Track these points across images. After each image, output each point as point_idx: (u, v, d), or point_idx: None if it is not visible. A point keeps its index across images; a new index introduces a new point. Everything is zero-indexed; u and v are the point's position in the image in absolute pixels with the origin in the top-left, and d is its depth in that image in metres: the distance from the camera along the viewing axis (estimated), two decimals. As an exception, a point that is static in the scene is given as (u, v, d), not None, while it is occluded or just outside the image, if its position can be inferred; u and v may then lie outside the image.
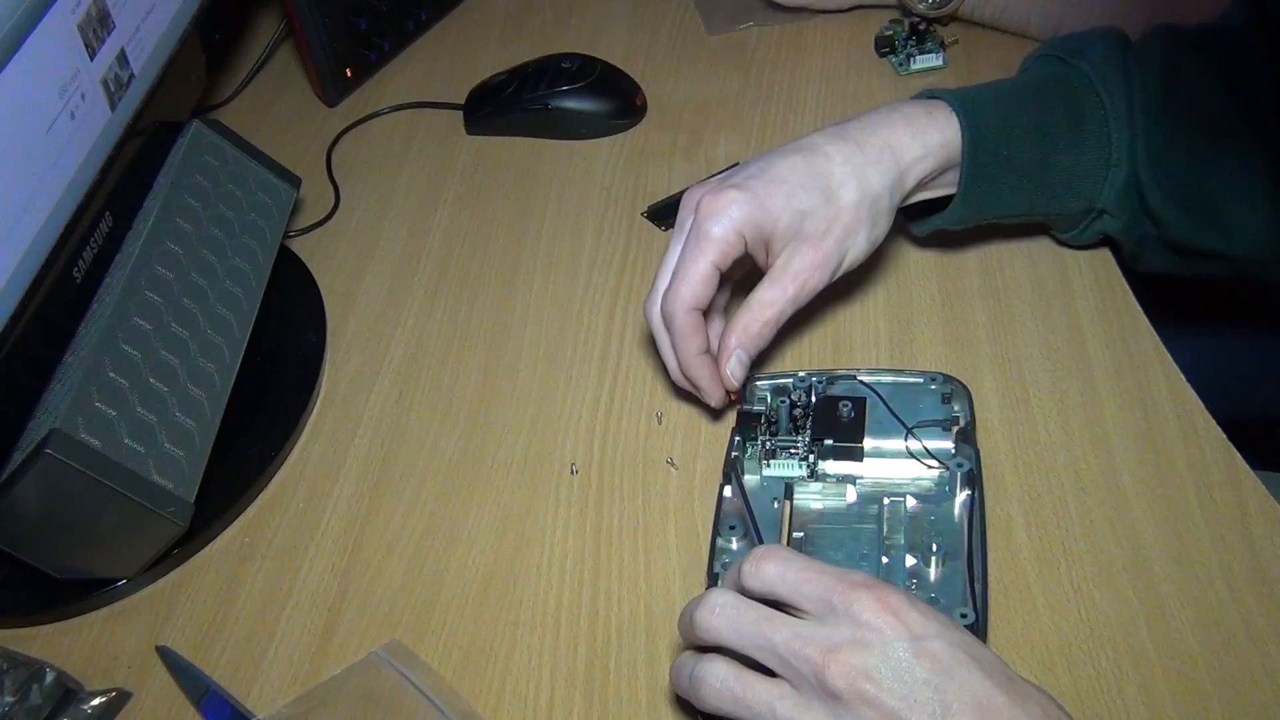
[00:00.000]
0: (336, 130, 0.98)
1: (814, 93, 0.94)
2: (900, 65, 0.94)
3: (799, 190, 0.65)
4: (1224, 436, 0.65)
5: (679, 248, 0.66)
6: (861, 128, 0.68)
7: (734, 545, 0.63)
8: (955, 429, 0.65)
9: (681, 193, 0.86)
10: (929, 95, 0.71)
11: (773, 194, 0.64)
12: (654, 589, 0.63)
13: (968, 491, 0.62)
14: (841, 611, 0.48)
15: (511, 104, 0.94)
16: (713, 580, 0.61)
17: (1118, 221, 0.71)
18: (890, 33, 0.96)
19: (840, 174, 0.65)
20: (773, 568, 0.50)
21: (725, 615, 0.50)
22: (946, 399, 0.67)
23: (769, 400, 0.68)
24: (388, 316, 0.82)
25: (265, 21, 1.12)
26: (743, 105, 0.94)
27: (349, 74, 1.01)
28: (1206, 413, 0.67)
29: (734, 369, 0.66)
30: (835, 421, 0.66)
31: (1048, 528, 0.63)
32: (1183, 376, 0.69)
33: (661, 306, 0.66)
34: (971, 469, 0.63)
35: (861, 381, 0.68)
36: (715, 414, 0.71)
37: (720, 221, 0.64)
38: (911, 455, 0.65)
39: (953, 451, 0.64)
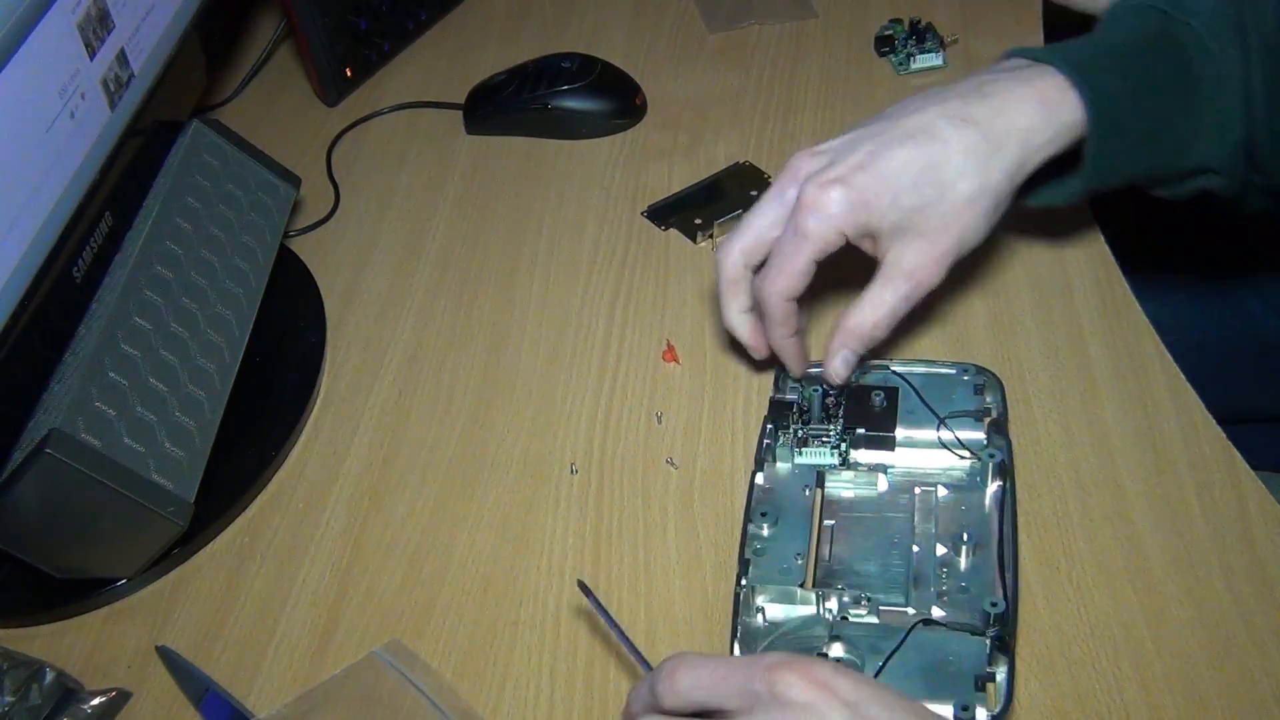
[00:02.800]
0: (336, 130, 0.98)
1: (814, 93, 0.94)
2: (900, 65, 0.94)
3: (909, 188, 0.61)
4: (1224, 436, 0.65)
5: (766, 209, 0.64)
6: (987, 108, 0.62)
7: (765, 531, 0.63)
8: (988, 420, 0.65)
9: (681, 192, 0.87)
10: (1031, 56, 0.64)
11: (880, 192, 0.61)
12: (654, 589, 0.63)
13: (999, 482, 0.63)
14: (768, 698, 0.45)
15: (511, 104, 0.94)
16: (744, 566, 0.61)
17: (1223, 179, 0.67)
18: (890, 32, 0.96)
19: (958, 165, 0.61)
20: (685, 678, 0.47)
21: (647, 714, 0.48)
22: (979, 390, 0.67)
23: (802, 389, 0.69)
24: (388, 316, 0.82)
25: (265, 21, 1.12)
26: (743, 105, 0.94)
27: (349, 74, 1.01)
28: (1206, 413, 0.67)
29: (839, 368, 0.65)
30: (868, 411, 0.66)
31: (1048, 528, 0.63)
32: (1183, 376, 0.69)
33: (757, 289, 0.64)
34: (1003, 459, 0.63)
35: (894, 372, 0.68)
36: (716, 414, 0.71)
37: (820, 218, 0.61)
38: (943, 445, 0.65)
39: (985, 442, 0.65)
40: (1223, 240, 0.93)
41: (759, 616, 0.60)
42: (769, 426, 0.66)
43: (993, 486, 0.63)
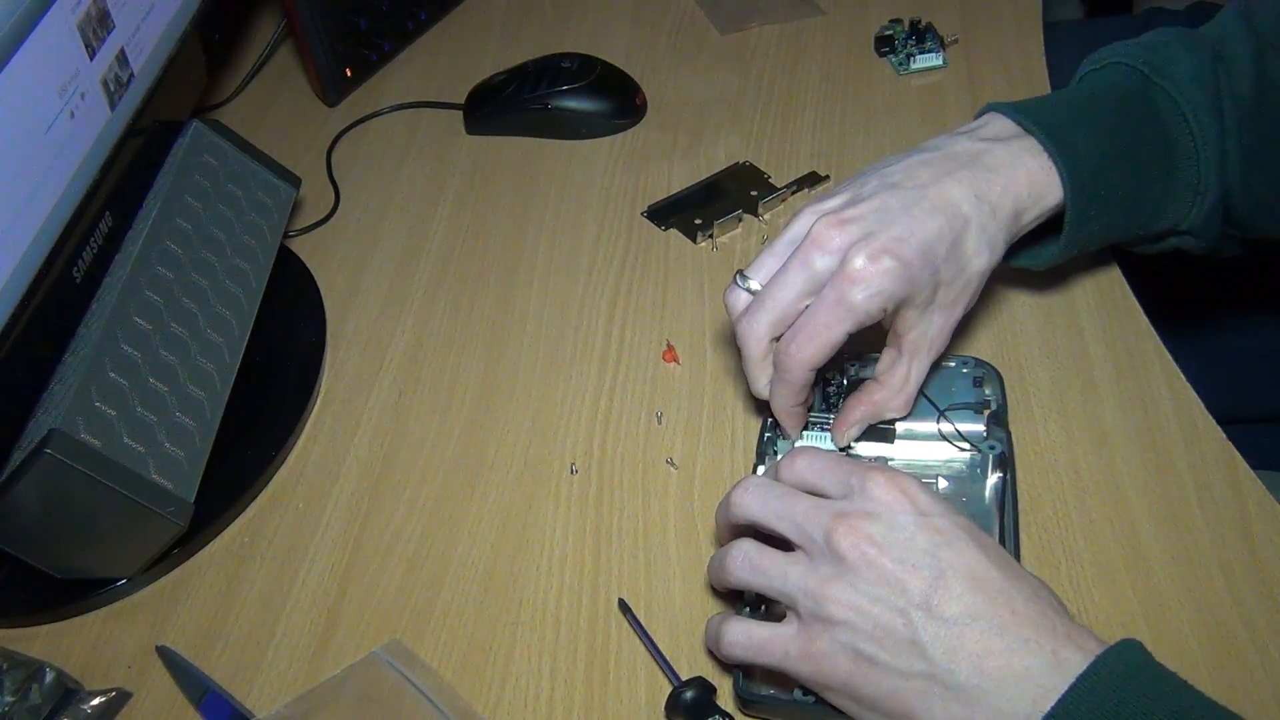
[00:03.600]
0: (336, 130, 0.98)
1: (814, 93, 0.94)
2: (900, 65, 0.94)
3: (942, 264, 0.61)
4: (1224, 436, 0.65)
5: (795, 283, 0.61)
6: (995, 186, 0.63)
7: None
8: (987, 412, 0.66)
9: (681, 192, 0.87)
10: (1015, 119, 0.65)
11: (923, 267, 0.60)
12: (654, 589, 0.63)
13: (999, 474, 0.63)
14: (857, 490, 0.53)
15: (511, 104, 0.94)
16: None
17: (1198, 240, 0.69)
18: (890, 32, 0.96)
19: (975, 243, 0.62)
20: (803, 460, 0.56)
21: (755, 492, 0.55)
22: (978, 382, 0.67)
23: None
24: (388, 316, 0.82)
25: (265, 21, 1.12)
26: (743, 105, 0.94)
27: (349, 74, 1.01)
28: (1206, 413, 0.67)
29: (853, 436, 0.65)
30: None
31: (1048, 528, 0.63)
32: (1183, 376, 0.69)
33: (780, 353, 0.61)
34: (1003, 451, 0.63)
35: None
36: (716, 414, 0.71)
37: (869, 293, 0.58)
38: (943, 437, 0.65)
39: (984, 434, 0.65)
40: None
41: (763, 606, 0.60)
42: (769, 419, 0.66)
43: (993, 478, 0.63)
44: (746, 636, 0.54)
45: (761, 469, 0.66)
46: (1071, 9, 1.68)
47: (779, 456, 0.66)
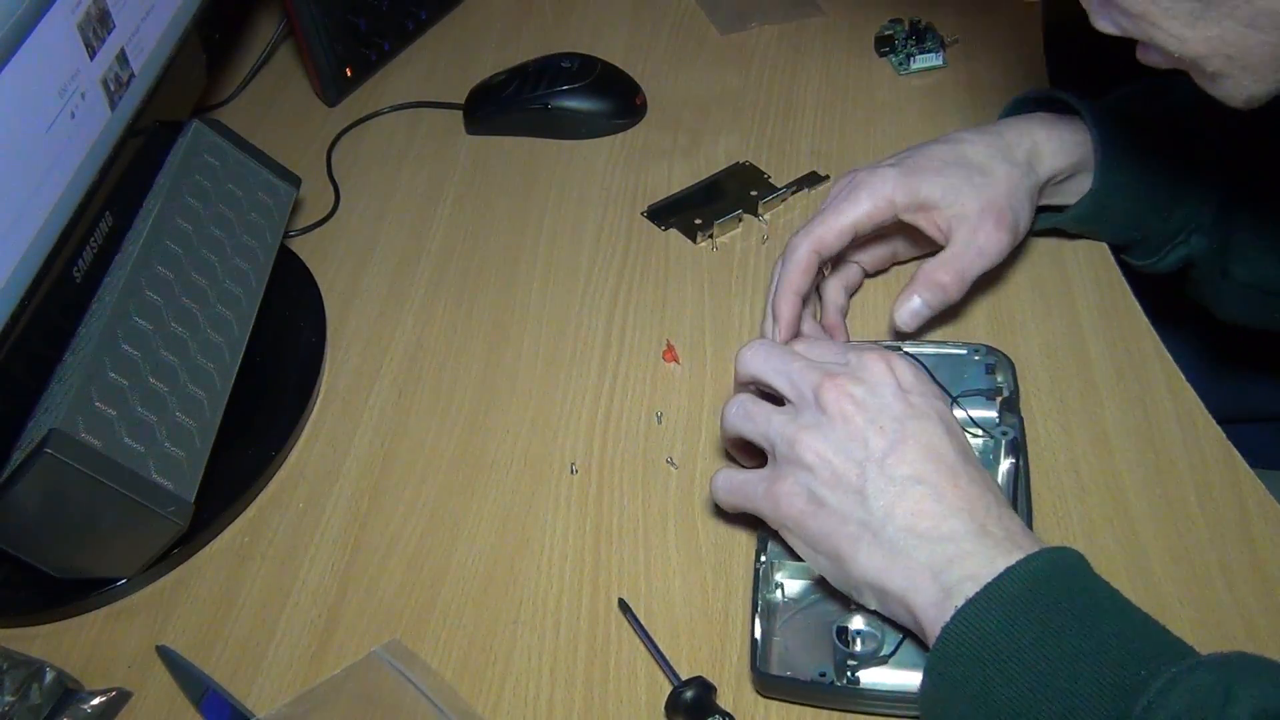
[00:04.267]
0: (336, 130, 0.98)
1: (814, 93, 0.94)
2: (900, 65, 0.94)
3: (948, 166, 0.70)
4: (1224, 436, 0.65)
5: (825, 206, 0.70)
6: (1002, 124, 0.73)
7: None
8: (999, 399, 0.66)
9: (681, 192, 0.87)
10: (1048, 96, 0.74)
11: (923, 167, 0.70)
12: (654, 589, 0.63)
13: (1012, 459, 0.63)
14: (853, 362, 0.58)
15: (511, 104, 0.94)
16: (763, 543, 0.61)
17: (1204, 240, 0.72)
18: (890, 32, 0.96)
19: (985, 153, 0.70)
20: (807, 341, 0.64)
21: (759, 350, 0.61)
22: (991, 370, 0.68)
23: None
24: (388, 316, 0.82)
25: (265, 21, 1.12)
26: (743, 105, 0.94)
27: (349, 74, 1.01)
28: (1206, 413, 0.67)
29: (907, 317, 0.70)
30: None
31: (1048, 528, 0.63)
32: (1182, 376, 0.69)
33: (789, 242, 0.70)
34: (1016, 437, 0.64)
35: (907, 353, 0.68)
36: (716, 414, 0.71)
37: (870, 188, 0.69)
38: None
39: (997, 420, 0.65)
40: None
41: (779, 592, 0.61)
42: None
43: (1005, 464, 0.63)
44: (729, 480, 0.61)
45: None
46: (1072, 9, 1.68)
47: None
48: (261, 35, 1.10)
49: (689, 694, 0.56)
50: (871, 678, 0.56)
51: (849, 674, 0.56)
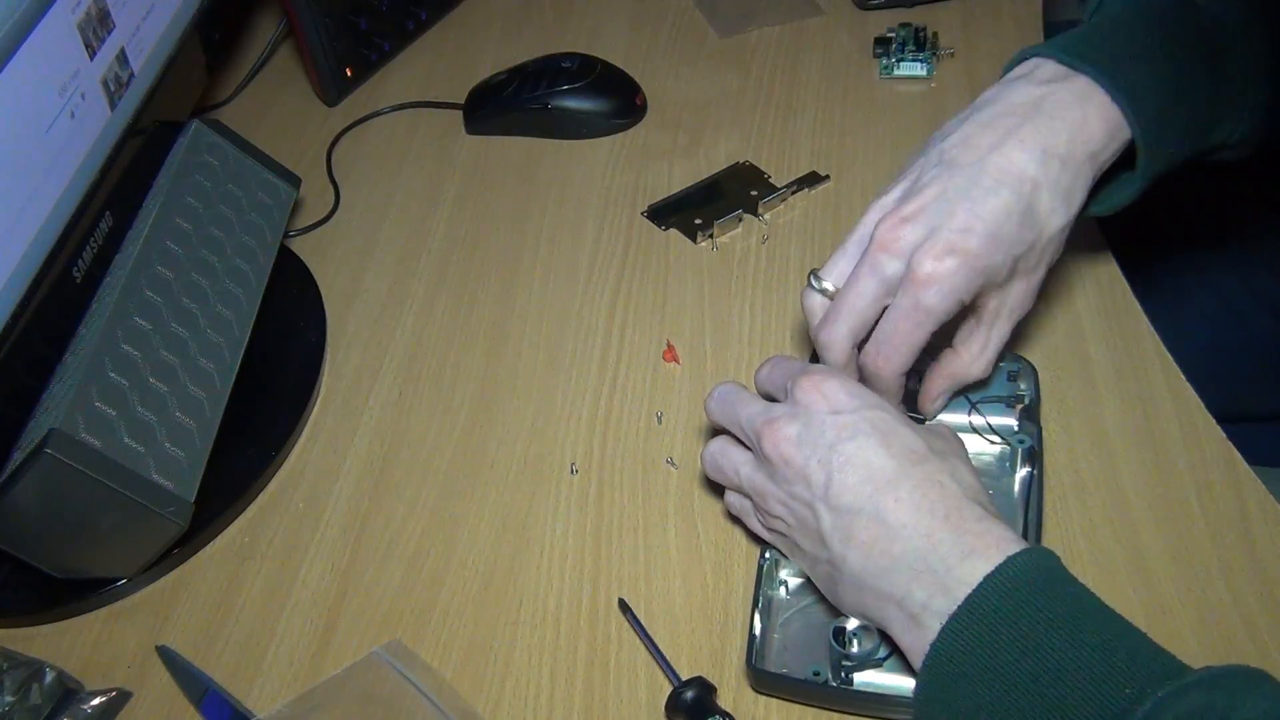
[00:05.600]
0: (336, 130, 0.98)
1: (814, 93, 0.94)
2: (885, 69, 0.94)
3: (1016, 242, 0.59)
4: (1224, 436, 0.65)
5: (867, 289, 0.60)
6: (1061, 134, 0.60)
7: None
8: (1019, 406, 0.66)
9: (681, 192, 0.87)
10: (1061, 61, 0.62)
11: (994, 252, 0.58)
12: (654, 589, 0.63)
13: (1028, 468, 0.63)
14: (791, 393, 0.57)
15: (511, 104, 0.94)
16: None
17: (1239, 151, 0.67)
18: (890, 35, 0.96)
19: (1048, 203, 0.60)
20: (765, 369, 0.62)
21: (716, 399, 0.61)
22: (1013, 377, 0.67)
23: None
24: (388, 316, 0.82)
25: (265, 21, 1.12)
26: (743, 105, 0.94)
27: (349, 74, 1.01)
28: (1206, 413, 0.67)
29: (939, 408, 0.65)
30: None
31: (1048, 527, 0.62)
32: (1183, 376, 0.69)
33: (871, 368, 0.61)
34: (1033, 445, 0.63)
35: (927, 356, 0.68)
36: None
37: (941, 293, 0.58)
38: (974, 430, 0.65)
39: (1015, 428, 0.65)
40: (1223, 241, 0.93)
41: (781, 589, 0.61)
42: None
43: (1021, 472, 0.63)
44: (735, 502, 0.62)
45: None
46: (1072, 9, 1.68)
47: None
48: (261, 35, 1.10)
49: (689, 694, 0.56)
50: (866, 679, 0.56)
51: (843, 674, 0.56)
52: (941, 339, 0.63)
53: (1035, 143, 0.59)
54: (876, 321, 0.61)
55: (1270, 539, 0.60)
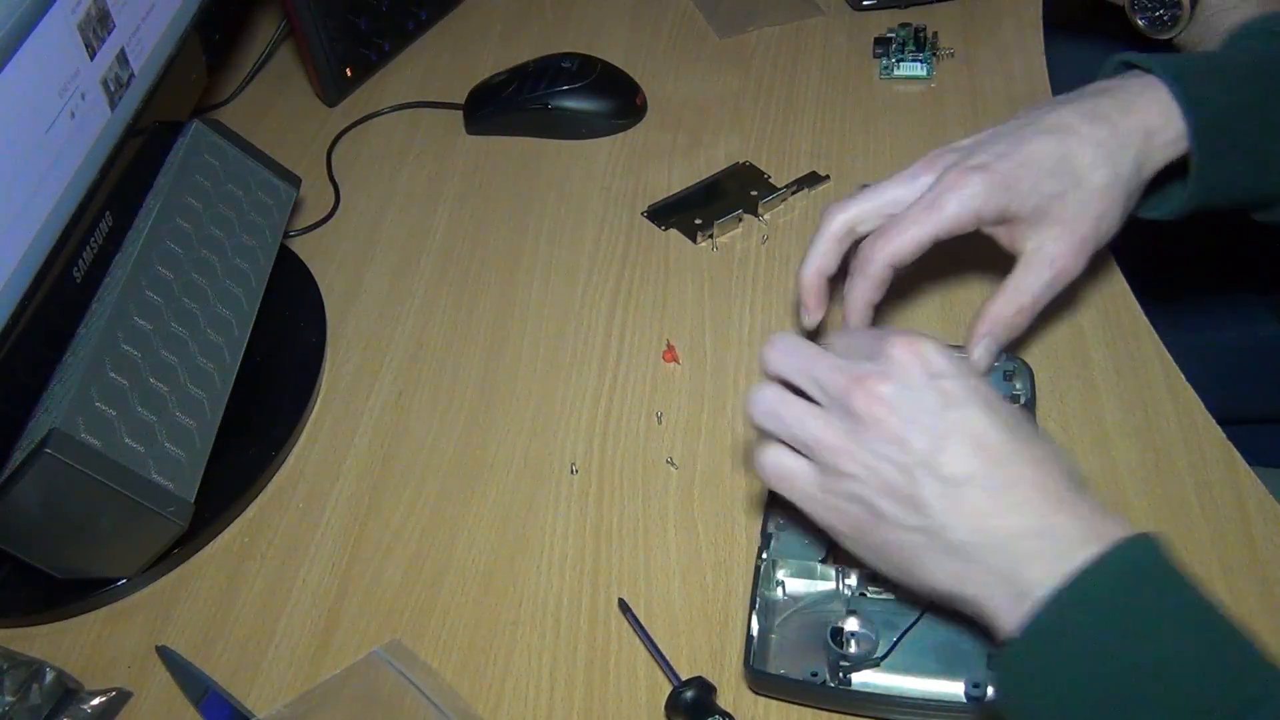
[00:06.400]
0: (336, 130, 0.98)
1: (814, 93, 0.94)
2: (885, 70, 0.94)
3: (1048, 176, 0.62)
4: (1224, 436, 0.65)
5: (895, 187, 0.63)
6: (1115, 105, 0.64)
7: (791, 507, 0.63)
8: (1016, 405, 0.65)
9: (681, 192, 0.87)
10: (1139, 64, 0.65)
11: (1021, 178, 0.61)
12: (654, 589, 0.63)
13: None
14: (878, 354, 0.54)
15: (511, 104, 0.94)
16: (766, 540, 0.61)
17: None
18: (890, 35, 0.96)
19: (1092, 156, 0.62)
20: (840, 339, 0.57)
21: (782, 347, 0.56)
22: (1009, 376, 0.67)
23: None
24: (388, 316, 0.82)
25: (265, 21, 1.12)
26: (743, 105, 0.94)
27: (349, 74, 1.01)
28: (1206, 413, 0.67)
29: (981, 356, 0.64)
30: None
31: (1048, 528, 0.62)
32: (1183, 376, 0.69)
33: (863, 247, 0.63)
34: None
35: None
36: (716, 414, 0.71)
37: (959, 199, 0.61)
38: None
39: None
40: (1223, 242, 0.93)
41: (779, 590, 0.61)
42: None
43: None
44: (777, 466, 0.56)
45: None
46: (1071, 9, 1.68)
47: None
48: (261, 35, 1.10)
49: (689, 694, 0.56)
50: (864, 679, 0.56)
51: (841, 675, 0.56)
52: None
53: (1086, 106, 0.63)
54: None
55: (1270, 539, 0.60)
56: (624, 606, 0.62)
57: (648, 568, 0.64)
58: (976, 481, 0.50)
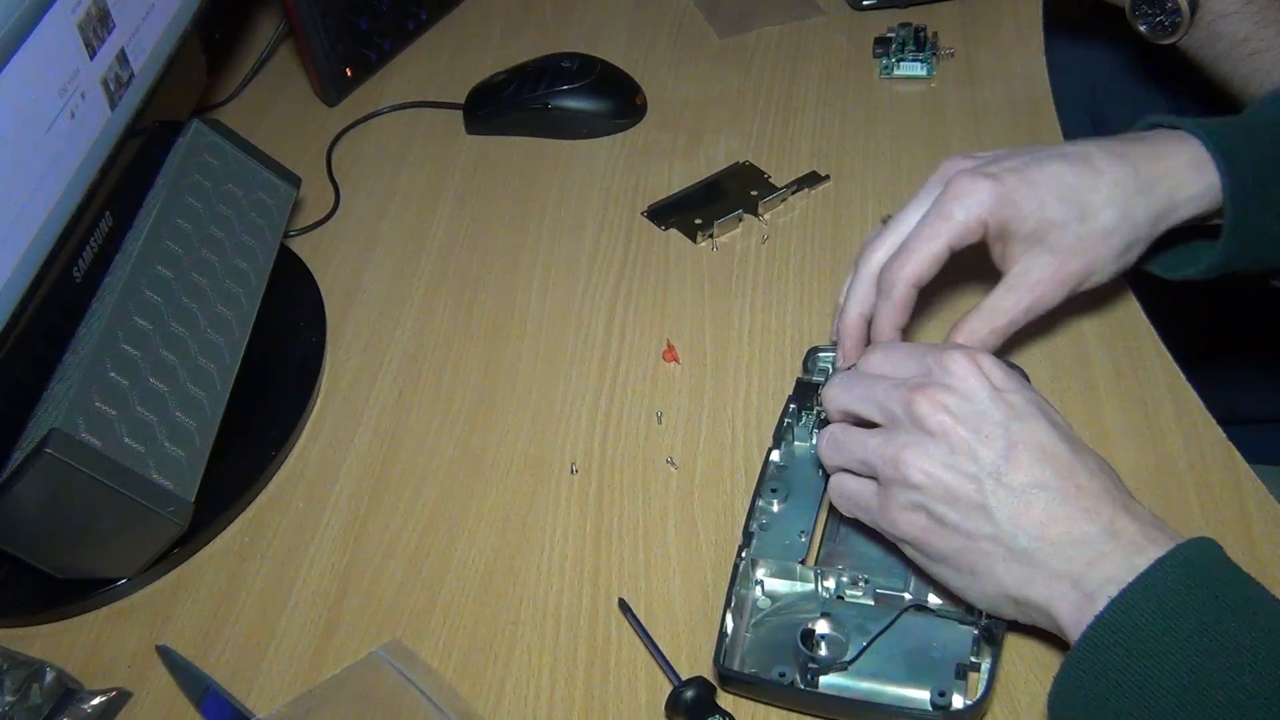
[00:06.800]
0: (336, 130, 0.98)
1: (814, 93, 0.94)
2: (885, 69, 0.94)
3: (1055, 200, 0.62)
4: (1224, 436, 0.65)
5: (916, 211, 0.64)
6: (1143, 150, 0.63)
7: (774, 507, 0.64)
8: None
9: (681, 192, 0.87)
10: (1171, 124, 0.65)
11: (1026, 195, 0.62)
12: (654, 589, 0.63)
13: None
14: (936, 367, 0.55)
15: (511, 104, 0.94)
16: (747, 539, 0.61)
17: None
18: (890, 35, 0.96)
19: (1105, 194, 0.62)
20: (879, 353, 0.59)
21: (840, 383, 0.59)
22: None
23: (830, 372, 0.69)
24: (388, 316, 0.82)
25: (265, 21, 1.12)
26: (743, 105, 0.94)
27: (349, 74, 1.01)
28: (1206, 413, 0.67)
29: None
30: None
31: (1048, 528, 0.62)
32: (1183, 376, 0.69)
33: (884, 271, 0.63)
34: None
35: None
36: (716, 414, 0.71)
37: (965, 206, 0.61)
38: None
39: None
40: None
41: (757, 589, 0.61)
42: (792, 406, 0.67)
43: None
44: (841, 490, 0.58)
45: (776, 453, 0.66)
46: (1071, 10, 1.68)
47: (796, 442, 0.67)
48: (261, 35, 1.10)
49: (689, 694, 0.56)
50: (831, 681, 0.56)
51: (809, 677, 0.56)
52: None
53: (1113, 145, 0.64)
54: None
55: (1270, 539, 0.60)
56: (624, 606, 0.62)
57: (648, 568, 0.64)
58: (1044, 490, 0.52)
